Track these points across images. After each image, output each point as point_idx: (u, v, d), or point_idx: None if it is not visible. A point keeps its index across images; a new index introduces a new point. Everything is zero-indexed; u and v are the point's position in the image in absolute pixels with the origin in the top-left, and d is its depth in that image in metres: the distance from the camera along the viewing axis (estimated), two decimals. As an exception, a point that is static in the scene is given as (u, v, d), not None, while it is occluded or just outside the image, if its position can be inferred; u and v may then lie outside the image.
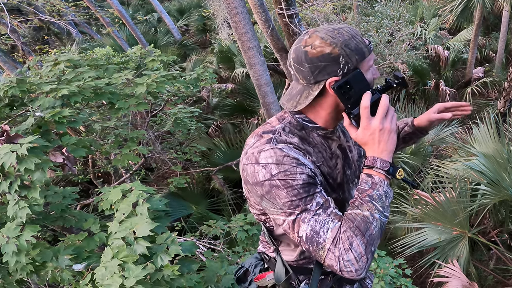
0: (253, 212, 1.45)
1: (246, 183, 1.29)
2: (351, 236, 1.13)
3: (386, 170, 1.20)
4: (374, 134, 1.20)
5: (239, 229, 4.29)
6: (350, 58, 1.20)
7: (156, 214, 2.51)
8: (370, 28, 8.88)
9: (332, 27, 1.24)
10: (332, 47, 1.19)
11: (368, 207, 1.17)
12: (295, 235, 1.20)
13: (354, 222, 1.15)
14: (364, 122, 1.21)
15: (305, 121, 1.31)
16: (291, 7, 6.39)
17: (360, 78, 1.21)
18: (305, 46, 1.22)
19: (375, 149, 1.21)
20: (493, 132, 5.13)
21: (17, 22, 10.39)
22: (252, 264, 1.69)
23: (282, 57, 7.23)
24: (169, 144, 8.48)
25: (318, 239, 1.15)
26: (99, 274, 2.27)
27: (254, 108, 10.27)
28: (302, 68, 1.22)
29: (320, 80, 1.22)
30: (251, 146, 1.27)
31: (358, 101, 1.21)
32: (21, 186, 2.63)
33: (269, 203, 1.22)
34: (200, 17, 15.27)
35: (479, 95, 10.67)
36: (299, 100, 1.26)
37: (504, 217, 5.30)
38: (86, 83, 3.40)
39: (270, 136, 1.26)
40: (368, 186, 1.20)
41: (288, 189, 1.17)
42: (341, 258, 1.13)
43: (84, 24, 15.30)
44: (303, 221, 1.17)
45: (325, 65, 1.20)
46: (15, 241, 2.55)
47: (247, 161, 1.25)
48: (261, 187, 1.21)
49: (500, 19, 11.13)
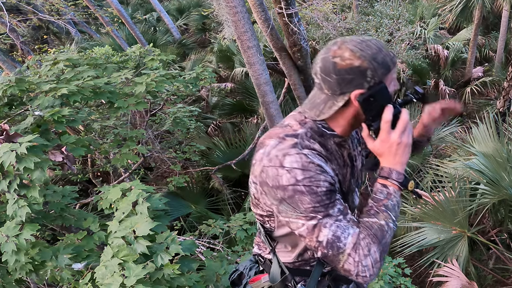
0: (257, 212, 1.44)
1: (263, 184, 1.26)
2: (369, 243, 1.18)
3: (400, 182, 1.27)
4: (392, 147, 1.25)
5: (239, 229, 4.29)
6: (377, 71, 1.21)
7: (155, 213, 2.51)
8: (370, 27, 8.88)
9: (360, 39, 1.25)
10: (361, 60, 1.20)
11: (384, 216, 1.23)
12: (314, 239, 1.21)
13: (372, 230, 1.21)
14: (384, 135, 1.25)
15: (324, 128, 1.32)
16: (291, 6, 6.39)
17: (384, 92, 1.24)
18: (334, 57, 1.21)
19: (391, 160, 1.27)
20: (493, 131, 5.13)
21: (16, 21, 10.39)
22: (247, 267, 1.68)
23: (281, 56, 7.22)
24: (168, 143, 8.48)
25: (339, 244, 1.18)
26: (99, 273, 2.27)
27: (253, 107, 10.27)
28: (329, 78, 1.23)
29: (346, 91, 1.23)
30: (273, 147, 1.24)
31: (379, 114, 1.25)
32: (21, 185, 2.63)
33: (289, 207, 1.21)
34: (200, 16, 15.24)
35: (478, 95, 10.68)
36: (322, 110, 1.28)
37: (503, 216, 5.30)
38: (85, 82, 3.39)
39: (295, 140, 1.24)
40: (383, 196, 1.26)
41: (312, 195, 1.18)
42: (360, 264, 1.17)
43: (83, 23, 15.27)
44: (325, 226, 1.19)
45: (352, 77, 1.21)
46: (14, 240, 2.54)
47: (269, 163, 1.22)
48: (283, 190, 1.20)
49: (499, 18, 11.14)
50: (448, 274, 4.18)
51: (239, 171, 8.27)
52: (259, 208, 1.40)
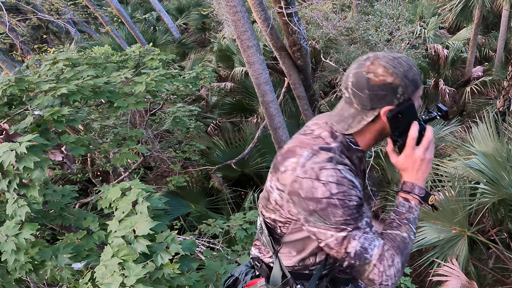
0: (271, 216, 1.43)
1: (293, 194, 1.27)
2: (393, 254, 1.25)
3: (422, 197, 1.34)
4: (415, 162, 1.32)
5: (238, 228, 4.29)
6: (407, 89, 1.25)
7: (155, 213, 2.50)
8: (370, 27, 8.87)
9: (392, 55, 1.28)
10: (394, 77, 1.23)
11: (406, 229, 1.31)
12: (341, 250, 1.25)
13: (395, 242, 1.28)
14: (409, 151, 1.31)
15: (351, 143, 1.34)
16: (290, 6, 6.38)
17: (412, 109, 1.28)
18: (367, 72, 1.24)
19: (413, 175, 1.33)
20: (493, 131, 5.13)
21: (16, 21, 10.36)
22: (243, 272, 1.68)
23: (281, 55, 7.22)
24: (168, 143, 8.48)
25: (366, 255, 1.23)
26: (99, 273, 2.27)
27: (253, 107, 10.26)
28: (361, 93, 1.26)
29: (376, 107, 1.26)
30: (308, 159, 1.26)
31: (406, 130, 1.30)
32: (20, 184, 2.62)
33: (320, 219, 1.24)
34: (199, 15, 15.23)
35: (478, 94, 10.67)
36: (351, 124, 1.30)
37: (503, 216, 5.30)
38: (85, 82, 3.39)
39: (330, 155, 1.27)
40: (405, 210, 1.33)
41: (345, 208, 1.22)
42: (384, 274, 1.24)
43: (82, 23, 15.26)
44: (354, 238, 1.24)
45: (384, 94, 1.24)
46: (14, 239, 2.54)
47: (305, 175, 1.24)
48: (316, 203, 1.23)
49: (499, 18, 11.14)
50: (448, 274, 4.18)
51: (239, 171, 8.27)
52: (277, 213, 1.40)
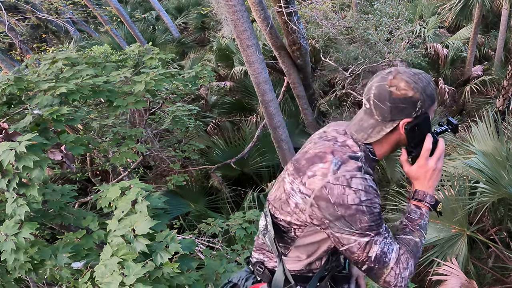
0: (287, 219, 1.42)
1: (320, 199, 1.31)
2: (408, 258, 1.35)
3: (432, 205, 1.44)
4: (428, 172, 1.41)
5: (238, 227, 4.29)
6: (425, 103, 1.32)
7: (155, 212, 2.50)
8: (369, 26, 8.86)
9: (413, 71, 1.35)
10: (414, 91, 1.31)
11: (418, 234, 1.42)
12: (363, 254, 1.32)
13: (409, 246, 1.38)
14: (422, 161, 1.40)
15: (370, 153, 1.41)
16: (290, 5, 6.38)
17: (427, 122, 1.36)
18: (390, 86, 1.31)
19: (425, 184, 1.43)
20: (492, 130, 5.13)
21: (15, 20, 10.35)
22: (242, 278, 1.67)
23: (280, 55, 7.23)
24: (167, 142, 8.47)
25: (385, 259, 1.32)
26: (99, 272, 2.26)
27: (252, 106, 10.26)
28: (383, 105, 1.33)
29: (396, 119, 1.34)
30: (339, 167, 1.31)
31: (421, 141, 1.38)
32: (20, 183, 2.62)
33: (346, 224, 1.30)
34: (199, 15, 15.21)
35: (478, 93, 10.66)
36: (370, 134, 1.38)
37: (502, 215, 5.30)
38: (84, 81, 3.38)
39: (359, 164, 1.33)
40: (417, 216, 1.44)
41: (371, 215, 1.30)
42: (400, 276, 1.33)
43: (82, 22, 15.24)
44: (375, 243, 1.31)
45: (404, 107, 1.32)
46: (13, 239, 2.54)
47: (336, 181, 1.29)
48: (345, 209, 1.28)
49: (499, 17, 11.13)
50: (447, 273, 4.18)
51: (239, 170, 8.27)
52: (294, 216, 1.40)
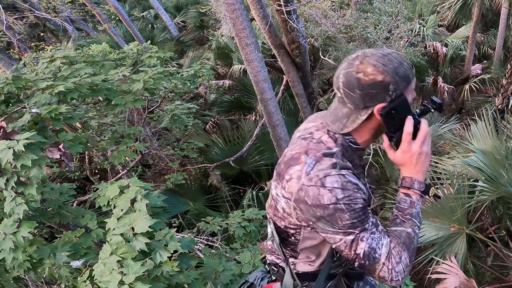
0: (283, 224, 1.43)
1: (299, 202, 1.28)
2: (400, 251, 1.28)
3: (422, 191, 1.35)
4: (413, 157, 1.32)
5: (237, 226, 4.29)
6: (399, 85, 1.25)
7: (154, 211, 2.50)
8: (368, 24, 8.86)
9: (381, 52, 1.27)
10: (384, 75, 1.23)
11: (410, 224, 1.33)
12: (351, 252, 1.28)
13: (401, 238, 1.31)
14: (405, 146, 1.31)
15: (351, 143, 1.35)
16: (289, 4, 6.37)
17: (404, 104, 1.28)
18: (357, 72, 1.24)
19: (412, 170, 1.34)
20: (491, 128, 5.13)
21: (13, 19, 10.32)
22: (258, 277, 1.70)
23: (280, 53, 7.21)
24: (166, 141, 8.47)
25: (375, 254, 1.27)
26: (98, 271, 2.26)
27: (251, 105, 10.25)
28: (353, 93, 1.26)
29: (369, 105, 1.27)
30: (312, 167, 1.26)
31: (400, 125, 1.30)
32: (18, 182, 2.61)
33: (328, 224, 1.26)
34: (197, 13, 15.17)
35: (477, 92, 10.66)
36: (346, 123, 1.31)
37: (501, 213, 5.31)
38: (83, 80, 3.37)
39: (334, 161, 1.28)
40: (407, 205, 1.35)
41: (351, 212, 1.24)
42: (393, 270, 1.27)
43: (80, 21, 15.19)
44: (362, 240, 1.26)
45: (376, 92, 1.24)
46: (12, 238, 2.53)
47: (310, 183, 1.25)
48: (323, 209, 1.24)
49: (498, 16, 11.13)
50: (446, 271, 4.18)
51: (238, 168, 8.26)
52: (286, 221, 1.41)
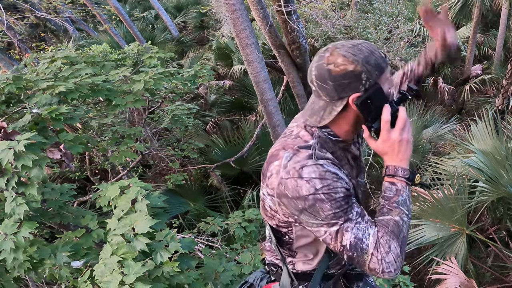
0: (272, 223, 1.44)
1: (281, 196, 1.28)
2: (389, 240, 1.24)
3: (407, 178, 1.32)
4: (394, 145, 1.30)
5: (237, 226, 4.29)
6: (371, 74, 1.24)
7: (154, 211, 2.50)
8: (369, 25, 8.87)
9: (351, 43, 1.27)
10: (355, 64, 1.22)
11: (397, 212, 1.29)
12: (338, 244, 1.25)
13: (388, 227, 1.27)
14: (384, 135, 1.29)
15: (330, 135, 1.35)
16: (290, 4, 6.37)
17: (380, 92, 1.27)
18: (327, 64, 1.24)
19: (394, 158, 1.32)
20: (492, 129, 5.13)
21: (14, 19, 10.32)
22: (258, 278, 1.71)
23: (280, 54, 7.21)
24: (166, 141, 8.47)
25: (362, 245, 1.23)
26: (99, 271, 2.26)
27: (252, 105, 10.25)
28: (326, 85, 1.26)
29: (343, 96, 1.26)
30: (289, 160, 1.26)
31: (378, 114, 1.29)
32: (19, 182, 2.61)
33: (311, 216, 1.25)
34: (198, 14, 15.18)
35: (477, 92, 10.66)
36: (322, 116, 1.31)
37: (502, 214, 5.31)
38: (83, 80, 3.37)
39: (310, 152, 1.27)
40: (393, 193, 1.32)
41: (332, 201, 1.22)
42: (383, 261, 1.22)
43: (80, 21, 15.19)
44: (346, 230, 1.24)
45: (348, 82, 1.23)
46: (12, 238, 2.53)
47: (288, 175, 1.24)
48: (303, 201, 1.23)
49: (498, 16, 11.13)
50: (446, 272, 4.18)
51: (238, 169, 8.26)
52: (275, 219, 1.41)
